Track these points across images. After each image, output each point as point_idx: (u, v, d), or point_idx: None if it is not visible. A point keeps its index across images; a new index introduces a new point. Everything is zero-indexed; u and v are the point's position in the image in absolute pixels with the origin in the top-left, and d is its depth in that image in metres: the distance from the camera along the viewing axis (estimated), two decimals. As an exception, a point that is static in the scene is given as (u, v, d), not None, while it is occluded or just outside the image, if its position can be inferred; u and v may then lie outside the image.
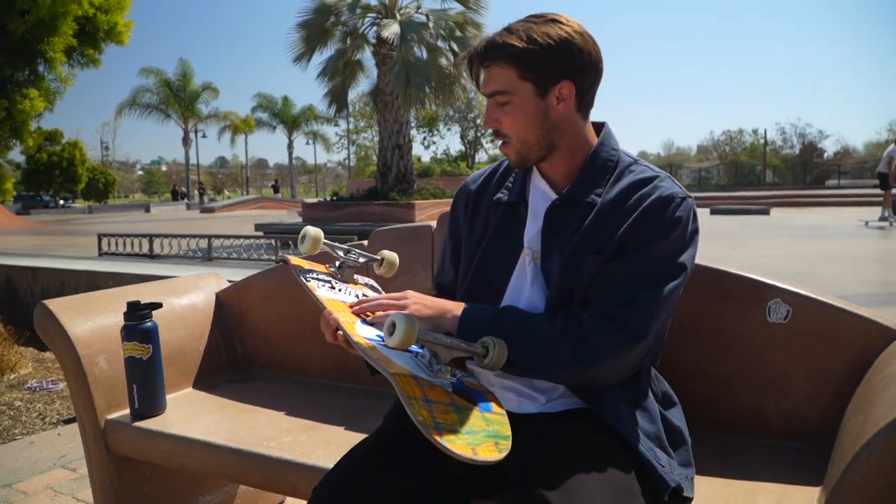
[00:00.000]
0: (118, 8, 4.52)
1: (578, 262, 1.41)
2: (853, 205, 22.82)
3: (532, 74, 1.39)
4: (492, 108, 1.45)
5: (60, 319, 2.09)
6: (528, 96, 1.40)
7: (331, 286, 1.58)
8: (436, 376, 1.34)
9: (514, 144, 1.45)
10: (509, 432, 1.27)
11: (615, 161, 1.48)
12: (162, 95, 43.47)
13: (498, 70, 1.40)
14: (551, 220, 1.47)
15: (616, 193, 1.43)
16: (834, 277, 7.49)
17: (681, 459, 1.45)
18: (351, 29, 15.76)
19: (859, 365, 1.57)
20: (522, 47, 1.37)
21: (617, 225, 1.40)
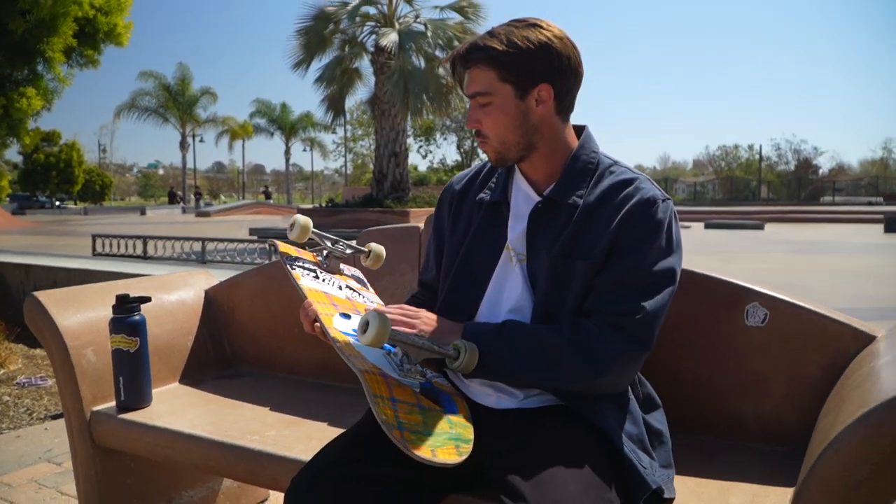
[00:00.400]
0: (118, 10, 4.56)
1: (566, 267, 1.43)
2: (848, 221, 22.92)
3: (512, 77, 1.42)
4: (474, 109, 1.48)
5: (50, 311, 2.11)
6: (508, 98, 1.44)
7: (315, 276, 1.60)
8: (405, 376, 1.36)
9: (493, 144, 1.48)
10: (471, 436, 1.30)
11: (595, 163, 1.51)
12: (161, 99, 43.47)
13: (479, 72, 1.44)
14: (535, 223, 1.49)
15: (598, 195, 1.46)
16: (825, 292, 7.53)
17: (661, 460, 1.47)
18: (350, 37, 15.83)
19: (835, 368, 1.59)
20: (502, 50, 1.40)
21: (602, 227, 1.42)
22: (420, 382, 1.38)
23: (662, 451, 1.49)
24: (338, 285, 1.62)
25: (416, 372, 1.38)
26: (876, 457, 1.04)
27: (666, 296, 1.42)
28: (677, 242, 1.46)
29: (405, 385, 1.34)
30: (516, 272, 1.51)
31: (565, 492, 1.22)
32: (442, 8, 15.73)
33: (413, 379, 1.37)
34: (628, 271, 1.40)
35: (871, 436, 1.04)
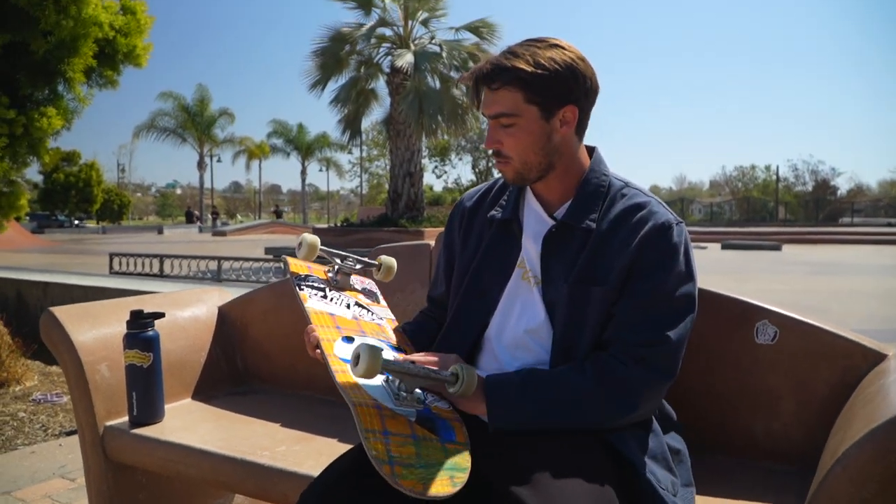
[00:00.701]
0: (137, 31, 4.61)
1: (584, 293, 1.43)
2: (866, 243, 22.74)
3: (539, 98, 1.42)
4: (494, 129, 1.47)
5: (65, 326, 2.14)
6: (534, 119, 1.43)
7: (323, 295, 1.61)
8: (401, 404, 1.35)
9: (515, 164, 1.47)
10: (468, 463, 1.29)
11: (607, 185, 1.51)
12: (179, 120, 43.91)
13: (505, 93, 1.43)
14: (549, 246, 1.50)
15: (612, 219, 1.46)
16: (842, 313, 7.47)
17: (683, 479, 1.46)
18: (366, 58, 15.98)
19: (845, 386, 1.58)
20: (531, 71, 1.39)
21: (616, 252, 1.43)
22: (417, 410, 1.37)
23: (683, 469, 1.48)
24: (346, 303, 1.63)
25: (414, 400, 1.37)
26: (883, 473, 1.04)
27: (688, 323, 1.42)
28: (694, 266, 1.46)
29: (400, 415, 1.33)
30: (531, 292, 1.51)
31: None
32: (457, 29, 15.87)
33: (409, 407, 1.36)
34: (649, 298, 1.40)
35: (878, 452, 1.04)
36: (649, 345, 1.38)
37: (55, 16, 4.26)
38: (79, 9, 4.34)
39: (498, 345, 1.53)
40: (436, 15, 16.24)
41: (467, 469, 1.27)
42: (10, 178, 5.11)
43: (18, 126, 4.62)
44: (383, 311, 1.73)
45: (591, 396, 1.37)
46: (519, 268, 1.53)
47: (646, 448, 1.42)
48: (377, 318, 1.66)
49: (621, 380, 1.37)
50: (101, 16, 4.58)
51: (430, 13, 16.14)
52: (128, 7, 5.10)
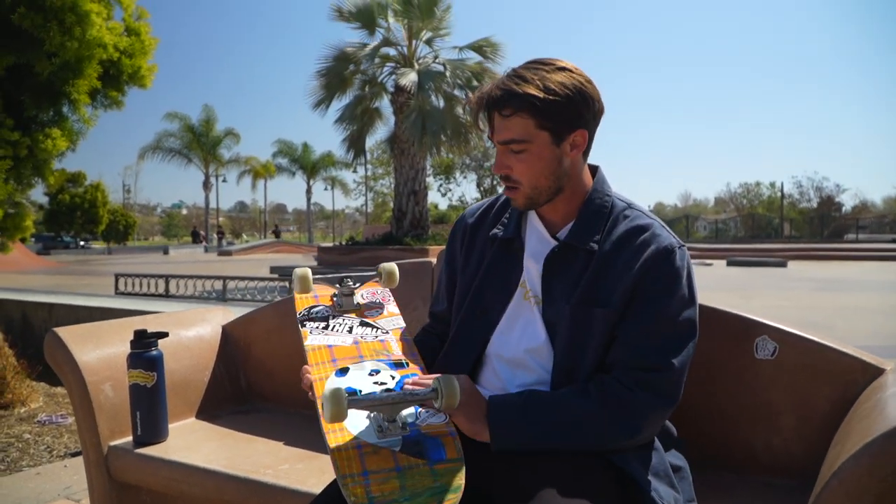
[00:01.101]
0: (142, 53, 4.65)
1: (586, 315, 1.44)
2: (872, 259, 22.69)
3: (550, 124, 1.41)
4: (504, 155, 1.46)
5: (69, 346, 2.15)
6: (545, 145, 1.43)
7: (325, 325, 1.62)
8: (385, 436, 1.33)
9: (525, 190, 1.47)
10: (461, 481, 1.26)
11: (610, 206, 1.52)
12: (185, 140, 44.06)
13: (517, 119, 1.42)
14: (551, 266, 1.50)
15: (614, 241, 1.47)
16: (847, 330, 7.46)
17: (685, 495, 1.47)
18: (370, 77, 16.07)
19: (844, 401, 1.59)
20: (543, 98, 1.38)
21: (619, 273, 1.43)
22: (403, 436, 1.34)
23: (685, 485, 1.48)
24: (348, 327, 1.62)
25: (398, 427, 1.34)
26: (878, 487, 1.04)
27: (690, 349, 1.43)
28: (695, 291, 1.47)
29: (383, 448, 1.32)
30: (532, 312, 1.52)
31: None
32: (461, 48, 15.95)
33: (394, 437, 1.34)
34: (653, 322, 1.40)
35: (873, 466, 1.05)
36: (653, 369, 1.38)
37: (59, 37, 4.31)
38: (83, 30, 4.39)
39: (499, 363, 1.54)
40: (439, 34, 16.33)
41: (460, 487, 1.25)
42: (15, 199, 5.14)
43: (23, 148, 4.65)
44: (391, 322, 1.71)
45: (594, 419, 1.37)
46: (521, 287, 1.54)
47: (648, 465, 1.42)
48: (381, 332, 1.65)
49: (625, 403, 1.37)
50: (105, 37, 4.62)
51: (434, 32, 16.24)
52: (132, 28, 5.15)
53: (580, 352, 1.44)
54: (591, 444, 1.39)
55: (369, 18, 15.63)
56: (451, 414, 1.36)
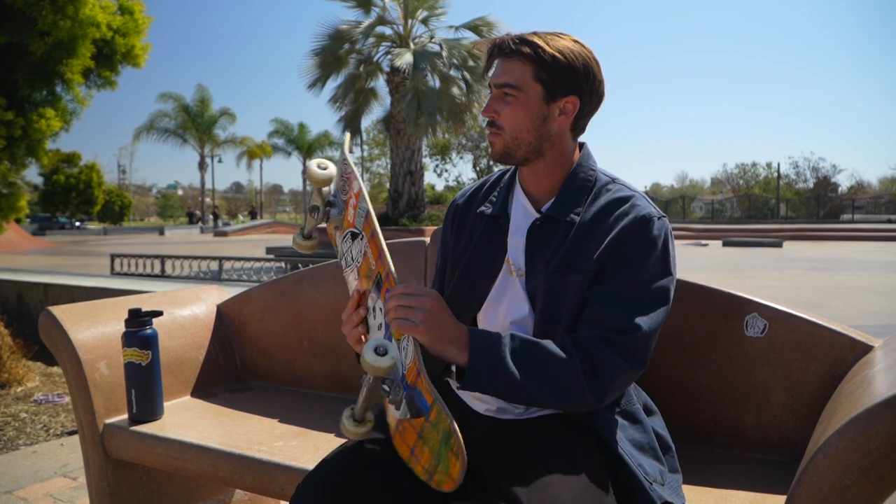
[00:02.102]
0: (135, 31, 4.61)
1: (563, 281, 1.44)
2: (867, 239, 22.75)
3: (547, 78, 1.44)
4: (496, 99, 1.49)
5: (64, 325, 2.16)
6: (535, 97, 1.46)
7: (345, 264, 1.58)
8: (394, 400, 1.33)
9: (506, 137, 1.48)
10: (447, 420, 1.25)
11: (593, 180, 1.53)
12: (180, 121, 43.86)
13: (517, 63, 1.45)
14: (533, 239, 1.51)
15: (595, 212, 1.48)
16: (842, 309, 7.50)
17: (669, 466, 1.48)
18: (365, 57, 15.98)
19: (832, 377, 1.61)
20: (550, 53, 1.43)
21: (597, 243, 1.44)
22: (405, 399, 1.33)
23: (669, 457, 1.50)
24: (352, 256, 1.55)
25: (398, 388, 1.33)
26: (863, 461, 1.05)
27: (660, 315, 1.42)
28: (673, 262, 1.47)
29: (405, 422, 1.34)
30: (516, 285, 1.53)
31: (560, 495, 1.24)
32: (457, 27, 15.87)
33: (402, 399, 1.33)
34: (623, 284, 1.41)
35: (857, 440, 1.06)
36: (619, 330, 1.38)
37: (52, 16, 4.28)
38: (76, 9, 4.36)
39: None
40: (435, 13, 16.25)
41: (448, 427, 1.24)
42: (8, 179, 5.14)
43: (17, 128, 4.64)
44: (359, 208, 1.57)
45: (568, 370, 1.35)
46: (507, 264, 1.55)
47: (634, 439, 1.44)
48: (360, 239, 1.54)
49: (593, 358, 1.36)
50: (98, 16, 4.60)
51: (430, 12, 16.15)
52: (125, 7, 5.12)
53: (556, 318, 1.45)
54: (560, 397, 1.36)
55: (365, -4, 15.53)
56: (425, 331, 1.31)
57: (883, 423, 1.05)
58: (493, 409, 1.52)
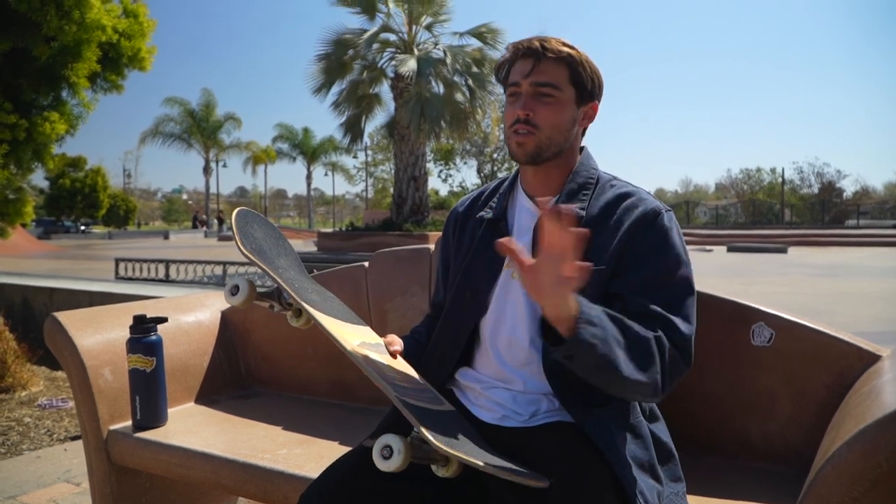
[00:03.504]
0: (141, 35, 4.62)
1: None
2: (872, 245, 22.68)
3: (580, 83, 1.50)
4: (532, 98, 1.49)
5: (69, 331, 2.16)
6: (570, 100, 1.50)
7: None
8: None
9: (541, 136, 1.49)
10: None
11: (595, 179, 1.56)
12: (185, 125, 43.96)
13: (555, 65, 1.49)
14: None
15: (601, 206, 1.50)
16: (848, 315, 7.48)
17: (672, 475, 1.47)
18: (369, 62, 16.01)
19: (840, 387, 1.60)
20: (582, 58, 1.50)
21: (608, 237, 1.46)
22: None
23: (672, 466, 1.48)
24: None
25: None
26: (872, 473, 1.04)
27: (692, 304, 1.44)
28: (686, 251, 1.49)
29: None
30: (519, 287, 1.53)
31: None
32: (461, 34, 15.90)
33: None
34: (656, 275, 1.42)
35: (867, 452, 1.05)
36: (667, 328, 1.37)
37: (57, 21, 4.28)
38: (81, 13, 4.37)
39: (492, 345, 1.55)
40: (440, 20, 16.28)
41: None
42: (15, 184, 5.14)
43: (21, 131, 4.64)
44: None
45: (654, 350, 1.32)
46: (507, 268, 1.55)
47: (635, 456, 1.40)
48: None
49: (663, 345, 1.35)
50: (103, 19, 4.60)
51: (434, 18, 16.18)
52: (130, 10, 5.12)
53: None
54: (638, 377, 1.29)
55: (369, 3, 15.57)
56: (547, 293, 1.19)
57: (892, 434, 1.04)
58: (498, 416, 1.52)
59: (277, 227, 1.71)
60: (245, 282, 1.48)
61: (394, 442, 1.21)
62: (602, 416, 1.42)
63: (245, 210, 1.58)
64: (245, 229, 1.52)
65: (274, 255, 1.55)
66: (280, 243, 1.62)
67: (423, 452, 1.22)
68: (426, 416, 1.28)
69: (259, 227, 1.58)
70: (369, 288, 2.39)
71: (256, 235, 1.54)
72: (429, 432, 1.19)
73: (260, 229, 1.58)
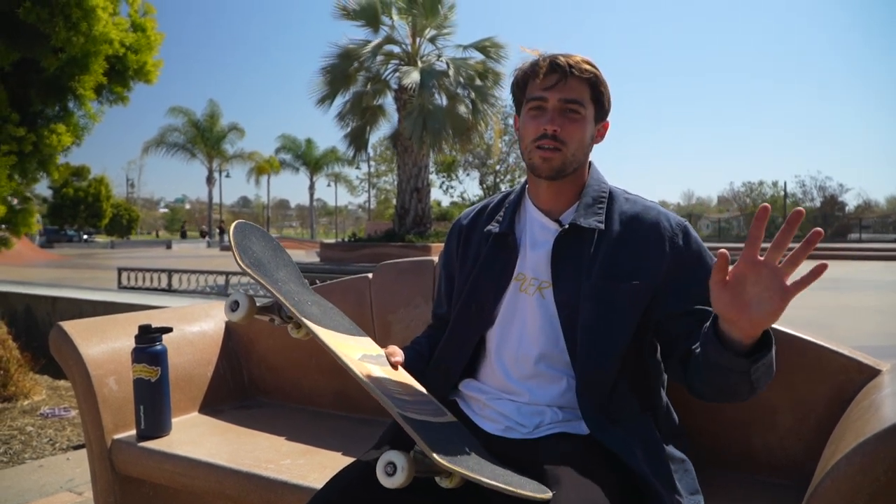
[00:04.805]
0: (148, 48, 4.66)
1: (610, 291, 1.47)
2: (875, 259, 22.65)
3: (598, 102, 1.54)
4: (559, 114, 1.51)
5: (74, 340, 2.17)
6: (590, 118, 1.54)
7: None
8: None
9: (567, 153, 1.51)
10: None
11: (607, 192, 1.59)
12: (189, 135, 44.05)
13: (580, 83, 1.51)
14: (560, 249, 1.53)
15: (622, 220, 1.53)
16: (849, 329, 7.47)
17: (689, 488, 1.47)
18: (373, 74, 16.07)
19: (840, 401, 1.60)
20: (602, 78, 1.54)
21: (637, 251, 1.49)
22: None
23: (688, 479, 1.48)
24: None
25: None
26: (871, 486, 1.06)
27: None
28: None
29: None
30: (531, 302, 1.54)
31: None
32: (465, 47, 15.96)
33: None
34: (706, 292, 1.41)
35: (865, 465, 1.06)
36: None
37: (66, 32, 4.32)
38: (89, 25, 4.40)
39: (498, 357, 1.56)
40: (443, 33, 16.35)
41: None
42: (21, 194, 5.17)
43: (28, 143, 4.67)
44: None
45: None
46: (515, 280, 1.56)
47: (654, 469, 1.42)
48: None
49: None
50: (111, 32, 4.64)
51: (438, 31, 16.26)
52: (138, 24, 5.17)
53: (607, 328, 1.46)
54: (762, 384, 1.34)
55: (373, 16, 15.64)
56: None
57: (891, 448, 1.05)
58: (502, 428, 1.53)
59: (279, 237, 1.71)
60: (245, 297, 1.48)
61: (397, 459, 1.21)
62: (620, 431, 1.44)
63: (243, 223, 1.59)
64: (243, 243, 1.52)
65: (273, 268, 1.55)
66: (279, 255, 1.64)
67: (426, 466, 1.22)
68: (428, 429, 1.29)
69: (257, 240, 1.59)
70: (373, 299, 2.41)
71: (255, 248, 1.55)
72: (430, 448, 1.20)
73: (258, 242, 1.59)
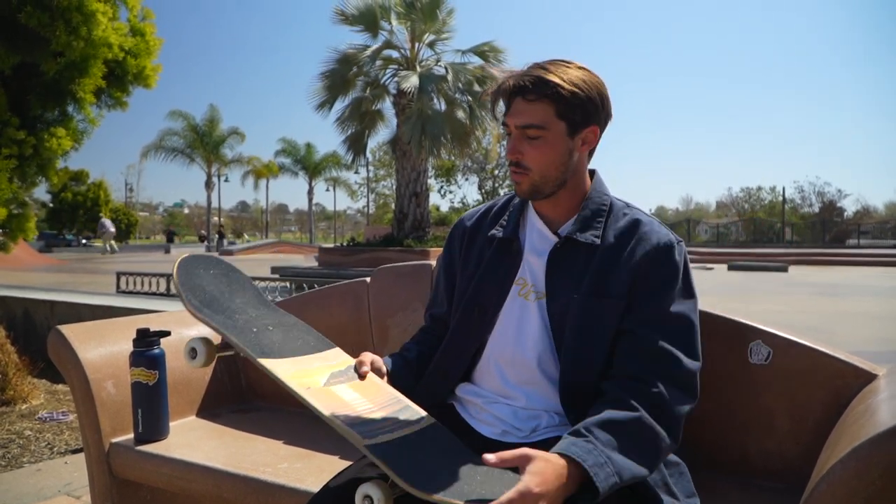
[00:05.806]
0: (147, 53, 4.67)
1: (596, 306, 1.46)
2: (873, 264, 22.65)
3: (569, 115, 1.46)
4: (519, 140, 1.49)
5: (72, 344, 2.18)
6: (560, 135, 1.47)
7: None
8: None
9: (534, 177, 1.50)
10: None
11: (608, 205, 1.56)
12: (188, 139, 43.97)
13: (539, 105, 1.46)
14: (555, 261, 1.53)
15: (615, 234, 1.51)
16: (847, 335, 7.46)
17: (685, 491, 1.47)
18: (372, 79, 16.08)
19: (837, 406, 1.61)
20: (569, 89, 1.44)
21: (623, 267, 1.47)
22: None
23: (684, 482, 1.49)
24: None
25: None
26: (866, 490, 1.06)
27: (698, 340, 1.47)
28: (695, 287, 1.51)
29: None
30: (530, 308, 1.54)
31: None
32: (464, 51, 15.97)
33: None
34: (659, 314, 1.43)
35: (861, 469, 1.07)
36: (670, 364, 1.40)
37: (66, 37, 4.33)
38: (89, 30, 4.41)
39: (495, 362, 1.57)
40: (442, 37, 16.36)
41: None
42: (20, 199, 5.17)
43: (28, 147, 4.68)
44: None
45: (654, 433, 1.34)
46: (516, 285, 1.57)
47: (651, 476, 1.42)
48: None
49: (671, 407, 1.37)
50: (111, 37, 4.65)
51: (437, 35, 16.27)
52: (137, 29, 5.18)
53: (590, 342, 1.46)
54: (655, 458, 1.34)
55: (372, 21, 15.65)
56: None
57: (886, 453, 1.06)
58: (499, 431, 1.53)
59: (277, 241, 1.70)
60: (201, 343, 1.45)
61: (373, 491, 1.18)
62: None
63: (186, 259, 1.54)
64: (190, 283, 1.47)
65: (227, 299, 1.52)
66: (233, 281, 1.60)
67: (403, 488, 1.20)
68: (400, 454, 1.26)
69: (206, 272, 1.55)
70: (371, 303, 2.41)
71: (204, 283, 1.51)
72: (404, 480, 1.16)
73: (207, 274, 1.55)
